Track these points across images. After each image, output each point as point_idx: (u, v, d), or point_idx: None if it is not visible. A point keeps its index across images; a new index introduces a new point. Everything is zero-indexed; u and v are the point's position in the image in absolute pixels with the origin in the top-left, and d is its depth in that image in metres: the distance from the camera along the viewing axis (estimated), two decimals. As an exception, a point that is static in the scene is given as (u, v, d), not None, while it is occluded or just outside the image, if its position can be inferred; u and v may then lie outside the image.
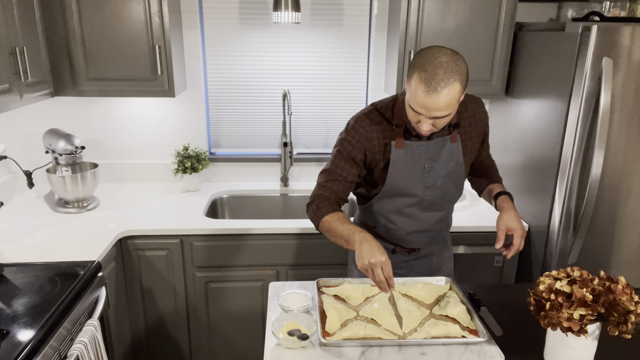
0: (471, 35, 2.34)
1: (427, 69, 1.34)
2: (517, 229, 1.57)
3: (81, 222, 2.25)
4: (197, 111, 2.72)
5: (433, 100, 1.34)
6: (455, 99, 1.37)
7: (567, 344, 1.24)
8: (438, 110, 1.37)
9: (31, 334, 1.41)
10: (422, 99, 1.36)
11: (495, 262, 2.39)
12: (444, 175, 1.63)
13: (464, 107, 1.63)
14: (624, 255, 2.14)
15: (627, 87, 1.91)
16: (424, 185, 1.62)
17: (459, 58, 1.37)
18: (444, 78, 1.32)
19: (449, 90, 1.33)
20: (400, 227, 1.71)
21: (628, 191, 2.04)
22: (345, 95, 2.80)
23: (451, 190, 1.67)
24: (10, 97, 1.91)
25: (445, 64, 1.33)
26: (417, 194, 1.63)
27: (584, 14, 2.47)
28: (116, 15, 2.21)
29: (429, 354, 1.32)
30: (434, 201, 1.66)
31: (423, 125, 1.43)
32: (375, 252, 1.37)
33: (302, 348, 1.35)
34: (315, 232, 2.27)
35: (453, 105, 1.38)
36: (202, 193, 2.69)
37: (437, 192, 1.65)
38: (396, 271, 1.79)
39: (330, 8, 2.63)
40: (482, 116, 1.67)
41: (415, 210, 1.67)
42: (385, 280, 1.36)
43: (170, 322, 2.39)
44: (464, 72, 1.36)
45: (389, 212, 1.70)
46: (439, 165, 1.61)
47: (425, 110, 1.38)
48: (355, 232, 1.46)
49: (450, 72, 1.33)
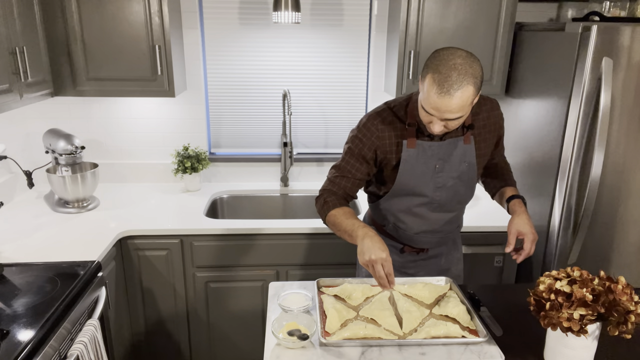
0: (471, 35, 2.34)
1: (440, 70, 1.34)
2: (528, 234, 1.56)
3: (81, 222, 2.25)
4: (197, 111, 2.72)
5: (445, 102, 1.34)
6: (468, 102, 1.36)
7: (567, 344, 1.24)
8: (450, 113, 1.37)
9: (31, 334, 1.41)
10: (434, 100, 1.36)
11: (495, 262, 2.39)
12: (455, 176, 1.62)
13: (479, 108, 1.62)
14: (624, 255, 2.14)
15: (627, 87, 1.91)
16: (435, 185, 1.62)
17: (474, 61, 1.36)
18: (457, 80, 1.32)
19: (462, 93, 1.33)
20: (410, 227, 1.70)
21: (628, 191, 2.04)
22: (345, 95, 2.80)
23: (462, 192, 1.66)
24: (10, 97, 1.91)
25: (459, 66, 1.32)
26: (427, 194, 1.63)
27: (584, 14, 2.47)
28: (116, 15, 2.21)
29: (429, 354, 1.32)
30: (444, 202, 1.65)
31: (435, 126, 1.43)
32: (377, 248, 1.38)
33: (302, 348, 1.35)
34: (315, 232, 2.27)
35: (466, 108, 1.37)
36: (202, 193, 2.69)
37: (448, 193, 1.64)
38: (404, 271, 1.80)
39: (330, 8, 2.63)
40: (497, 118, 1.66)
41: (424, 211, 1.66)
42: (385, 277, 1.37)
43: (170, 322, 2.39)
44: (478, 74, 1.35)
45: (398, 212, 1.69)
46: (450, 165, 1.60)
47: (437, 111, 1.38)
48: (359, 227, 1.46)
49: (464, 75, 1.32)
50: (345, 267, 2.35)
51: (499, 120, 1.67)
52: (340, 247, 2.30)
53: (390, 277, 1.38)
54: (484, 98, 1.65)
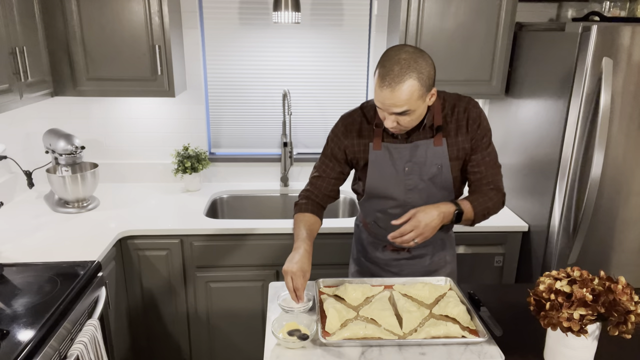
0: (471, 35, 2.34)
1: (385, 65, 1.38)
2: (414, 219, 1.45)
3: (81, 222, 2.25)
4: (197, 111, 2.72)
5: (387, 95, 1.37)
6: (414, 96, 1.37)
7: (567, 344, 1.24)
8: (394, 106, 1.39)
9: (31, 334, 1.41)
10: (378, 93, 1.40)
11: (495, 262, 2.39)
12: (426, 178, 1.59)
13: (452, 109, 1.56)
14: (624, 255, 2.14)
15: (627, 87, 1.91)
16: (405, 187, 1.61)
17: (420, 56, 1.38)
18: (399, 74, 1.35)
19: (404, 86, 1.35)
20: (388, 226, 1.65)
21: (628, 191, 2.04)
22: (345, 95, 2.80)
23: (437, 194, 1.62)
24: (10, 97, 1.91)
25: (403, 61, 1.36)
26: (398, 197, 1.62)
27: (584, 14, 2.47)
28: (116, 15, 2.21)
29: (429, 354, 1.32)
30: (417, 204, 1.55)
31: (387, 122, 1.46)
32: (294, 261, 1.45)
33: (302, 348, 1.35)
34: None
35: (413, 103, 1.38)
36: (202, 193, 2.69)
37: (421, 195, 1.61)
38: (388, 269, 1.81)
39: (330, 8, 2.63)
40: (471, 120, 1.55)
41: (400, 212, 1.59)
42: (293, 290, 1.42)
43: (170, 322, 2.39)
44: (423, 70, 1.37)
45: (375, 211, 1.71)
46: (420, 168, 1.58)
47: (383, 105, 1.41)
48: (298, 239, 1.54)
49: (406, 69, 1.35)
50: (345, 267, 2.34)
51: (475, 120, 1.55)
52: (340, 247, 2.30)
53: (298, 292, 1.42)
54: (461, 99, 1.57)
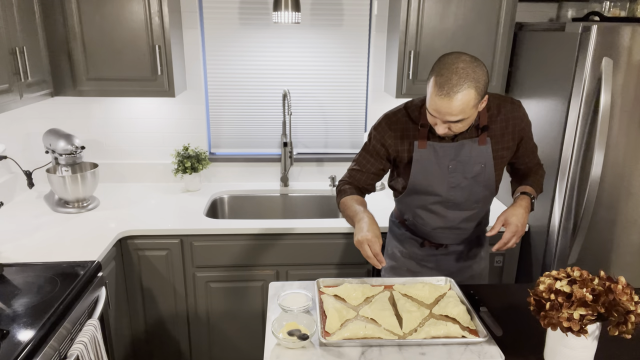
0: (471, 35, 2.34)
1: (443, 73, 1.38)
2: (512, 225, 1.57)
3: (81, 222, 2.25)
4: (197, 111, 2.72)
5: (445, 104, 1.38)
6: (469, 105, 1.38)
7: (567, 344, 1.24)
8: (450, 115, 1.40)
9: (31, 334, 1.41)
10: (434, 102, 1.40)
11: (495, 262, 2.39)
12: (469, 177, 1.64)
13: (497, 110, 1.62)
14: (624, 255, 2.14)
15: (627, 87, 1.91)
16: (449, 185, 1.64)
17: (477, 65, 1.38)
18: (457, 84, 1.35)
19: (462, 96, 1.36)
20: (427, 223, 1.74)
21: (628, 191, 2.04)
22: (345, 95, 2.80)
23: (479, 192, 1.67)
24: (10, 97, 1.91)
25: (461, 70, 1.36)
26: (441, 194, 1.66)
27: (584, 14, 2.47)
28: (116, 16, 2.21)
29: (429, 354, 1.32)
30: (459, 201, 1.67)
31: (438, 128, 1.47)
32: (365, 229, 1.44)
33: (302, 348, 1.35)
34: (315, 232, 2.27)
35: (467, 111, 1.40)
36: (202, 193, 2.69)
37: (463, 193, 1.66)
38: (424, 264, 1.83)
39: (330, 8, 2.63)
40: (518, 120, 1.63)
41: (440, 208, 1.70)
42: (373, 256, 1.43)
43: (170, 322, 2.39)
44: (480, 79, 1.38)
45: (415, 207, 1.74)
46: (464, 166, 1.62)
47: (438, 113, 1.42)
48: (360, 212, 1.54)
49: (464, 79, 1.35)
50: (346, 267, 2.35)
51: (519, 122, 1.64)
52: (340, 247, 2.30)
53: (378, 257, 1.43)
54: (505, 99, 1.65)
